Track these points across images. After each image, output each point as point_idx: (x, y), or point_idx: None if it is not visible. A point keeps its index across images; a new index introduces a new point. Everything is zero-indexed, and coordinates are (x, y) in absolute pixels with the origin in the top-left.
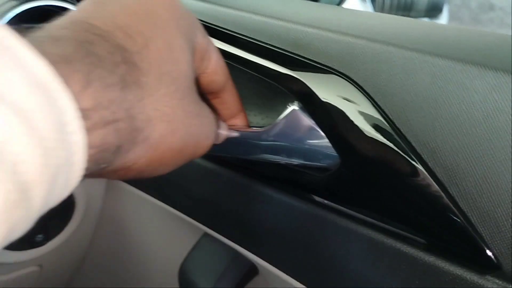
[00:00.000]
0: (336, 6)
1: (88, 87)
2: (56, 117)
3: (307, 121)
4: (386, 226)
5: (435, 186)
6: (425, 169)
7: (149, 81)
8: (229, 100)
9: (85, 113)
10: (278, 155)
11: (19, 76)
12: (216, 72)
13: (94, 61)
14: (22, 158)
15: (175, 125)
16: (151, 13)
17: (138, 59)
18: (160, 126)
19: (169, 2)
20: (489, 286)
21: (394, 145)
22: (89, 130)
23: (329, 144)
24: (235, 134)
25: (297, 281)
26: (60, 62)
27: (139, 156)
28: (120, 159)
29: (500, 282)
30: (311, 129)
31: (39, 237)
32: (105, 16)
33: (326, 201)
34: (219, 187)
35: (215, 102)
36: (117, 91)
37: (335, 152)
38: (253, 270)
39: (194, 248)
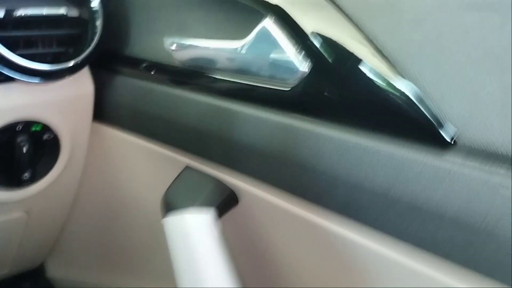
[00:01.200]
0: None
1: None
2: None
3: (275, 36)
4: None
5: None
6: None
7: None
8: None
9: None
10: (248, 70)
11: None
12: None
13: None
14: None
15: None
16: None
17: None
18: None
19: None
20: (447, 166)
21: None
22: None
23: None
24: None
25: (276, 188)
26: None
27: None
28: None
29: (458, 160)
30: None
31: (26, 175)
32: None
33: (293, 113)
34: (199, 113)
35: None
36: None
37: (299, 65)
38: (233, 197)
39: (176, 178)
